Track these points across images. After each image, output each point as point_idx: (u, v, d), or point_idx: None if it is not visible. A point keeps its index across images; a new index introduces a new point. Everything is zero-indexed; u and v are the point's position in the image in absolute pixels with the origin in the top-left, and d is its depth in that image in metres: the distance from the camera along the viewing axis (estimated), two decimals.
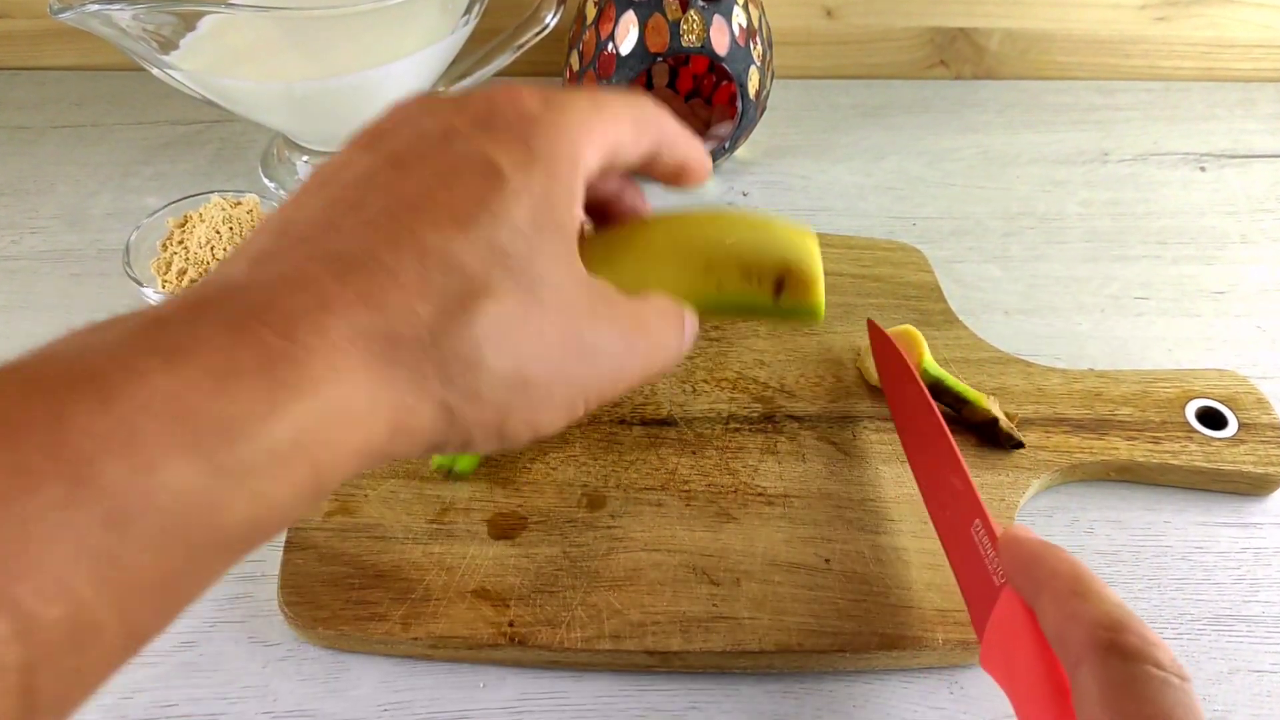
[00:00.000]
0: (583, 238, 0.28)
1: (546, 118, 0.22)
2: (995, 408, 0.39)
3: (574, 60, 0.54)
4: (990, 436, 0.39)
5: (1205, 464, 0.39)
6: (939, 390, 0.40)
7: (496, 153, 0.21)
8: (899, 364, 0.38)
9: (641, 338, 0.24)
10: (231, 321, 0.17)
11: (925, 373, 0.40)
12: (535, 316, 0.21)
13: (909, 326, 0.42)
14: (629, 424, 0.40)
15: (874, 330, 0.41)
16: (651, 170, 0.27)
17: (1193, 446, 0.40)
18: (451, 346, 0.20)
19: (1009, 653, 0.27)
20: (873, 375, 0.42)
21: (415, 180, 0.21)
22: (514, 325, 0.21)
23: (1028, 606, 0.26)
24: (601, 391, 0.23)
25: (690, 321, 0.27)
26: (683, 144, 0.27)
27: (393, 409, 0.19)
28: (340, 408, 0.18)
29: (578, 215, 0.23)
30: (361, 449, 0.19)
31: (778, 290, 0.29)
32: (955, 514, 0.32)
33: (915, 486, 0.38)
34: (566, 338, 0.22)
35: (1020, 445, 0.39)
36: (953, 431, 0.33)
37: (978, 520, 0.30)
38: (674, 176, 0.27)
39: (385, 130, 0.22)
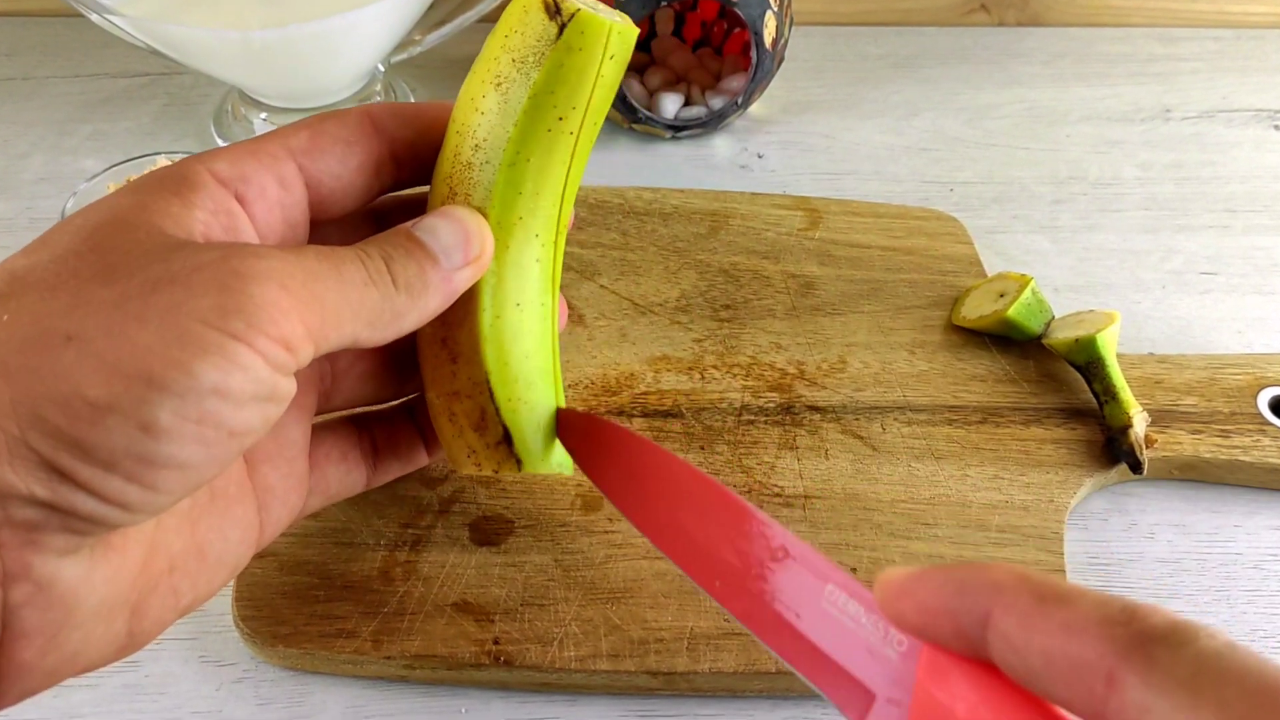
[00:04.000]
0: None
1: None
2: (1140, 423, 0.39)
3: None
4: (1110, 445, 0.39)
5: None
6: (1093, 372, 0.40)
7: None
8: (605, 434, 0.31)
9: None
10: None
11: (1091, 348, 0.40)
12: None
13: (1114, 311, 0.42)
14: (629, 415, 0.40)
15: (568, 418, 0.31)
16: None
17: (1266, 441, 0.40)
18: None
19: None
20: (963, 318, 0.43)
21: None
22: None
23: (968, 660, 0.21)
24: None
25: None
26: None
27: None
28: None
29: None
30: None
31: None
32: (783, 590, 0.25)
33: (952, 485, 0.38)
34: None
35: (1141, 470, 0.38)
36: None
37: (830, 585, 0.24)
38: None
39: None
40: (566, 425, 0.31)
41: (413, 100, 0.56)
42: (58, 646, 0.21)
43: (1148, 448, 0.39)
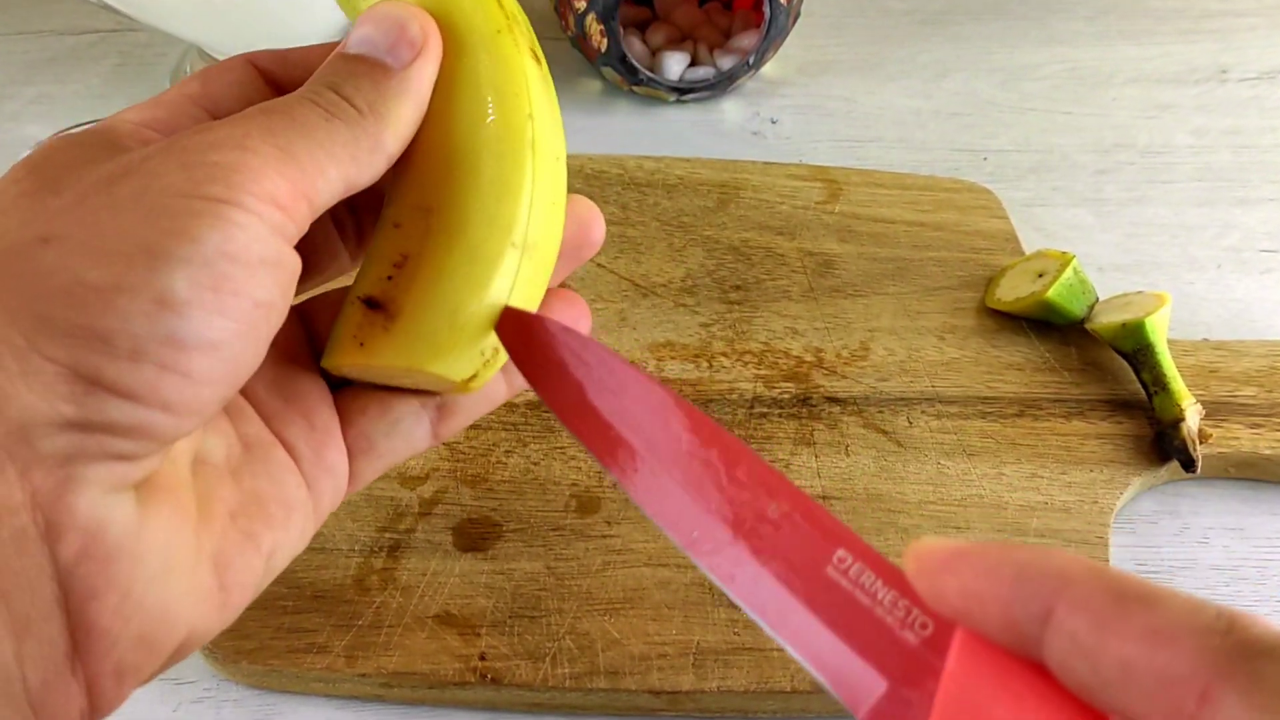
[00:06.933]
0: None
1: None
2: (1193, 416, 0.38)
3: None
4: (1160, 441, 0.39)
5: None
6: (1141, 360, 0.40)
7: None
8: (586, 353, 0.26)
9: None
10: None
11: (1140, 333, 0.40)
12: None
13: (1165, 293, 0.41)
14: None
15: (515, 320, 0.26)
16: None
17: None
18: None
19: None
20: (998, 300, 0.43)
21: None
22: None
23: (1012, 655, 0.20)
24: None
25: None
26: None
27: None
28: None
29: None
30: None
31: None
32: (780, 550, 0.24)
33: (986, 485, 0.37)
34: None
35: (1193, 468, 0.38)
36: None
37: (841, 550, 0.23)
38: None
39: None
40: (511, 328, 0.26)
41: None
42: (138, 605, 0.20)
43: (1201, 443, 0.39)
